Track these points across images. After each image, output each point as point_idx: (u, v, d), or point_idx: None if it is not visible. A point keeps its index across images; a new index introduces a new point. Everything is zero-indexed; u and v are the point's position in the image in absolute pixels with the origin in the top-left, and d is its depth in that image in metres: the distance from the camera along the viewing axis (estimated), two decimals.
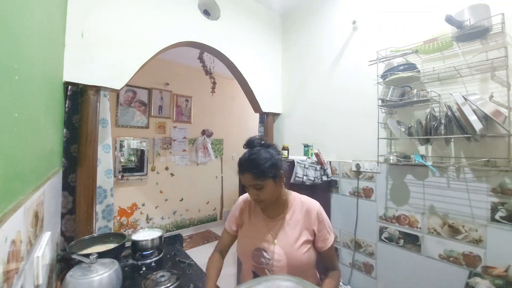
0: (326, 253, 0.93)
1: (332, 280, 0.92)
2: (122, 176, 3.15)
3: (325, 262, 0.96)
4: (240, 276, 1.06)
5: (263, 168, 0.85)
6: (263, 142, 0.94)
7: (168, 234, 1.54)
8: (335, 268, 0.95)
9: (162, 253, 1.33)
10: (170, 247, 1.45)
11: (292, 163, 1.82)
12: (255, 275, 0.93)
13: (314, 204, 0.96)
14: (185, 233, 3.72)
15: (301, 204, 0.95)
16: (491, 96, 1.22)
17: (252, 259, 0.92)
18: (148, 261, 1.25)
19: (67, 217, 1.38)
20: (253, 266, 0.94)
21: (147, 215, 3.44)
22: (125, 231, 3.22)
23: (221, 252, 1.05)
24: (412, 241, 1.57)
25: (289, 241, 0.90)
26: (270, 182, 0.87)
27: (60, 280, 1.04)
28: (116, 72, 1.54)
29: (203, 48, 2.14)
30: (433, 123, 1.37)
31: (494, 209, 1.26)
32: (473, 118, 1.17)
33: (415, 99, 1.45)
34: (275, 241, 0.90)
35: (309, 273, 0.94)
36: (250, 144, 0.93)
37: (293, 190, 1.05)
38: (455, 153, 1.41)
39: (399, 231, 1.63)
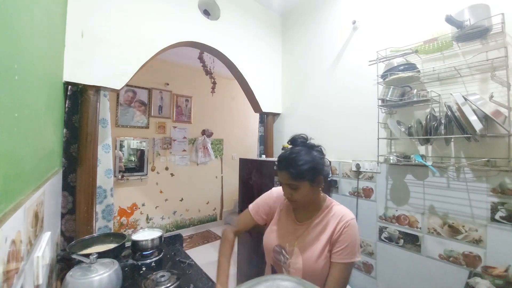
0: (331, 268, 0.84)
1: None
2: (122, 176, 3.15)
3: (327, 280, 0.84)
4: (265, 269, 1.05)
5: (301, 170, 0.82)
6: (307, 142, 0.91)
7: (168, 234, 1.54)
8: None
9: (162, 253, 1.33)
10: (170, 247, 1.45)
11: None
12: (273, 271, 0.95)
13: (347, 215, 0.88)
14: (185, 233, 3.72)
15: (333, 212, 0.90)
16: (491, 96, 1.22)
17: (273, 254, 0.93)
18: (148, 261, 1.25)
19: (67, 217, 1.38)
20: (272, 261, 0.94)
21: (147, 215, 3.44)
22: (125, 231, 3.22)
23: (238, 232, 1.04)
24: (412, 241, 1.57)
25: (309, 247, 0.87)
26: (307, 185, 0.84)
27: (60, 280, 1.04)
28: (116, 72, 1.54)
29: (203, 48, 2.14)
30: (433, 123, 1.37)
31: (494, 209, 1.26)
32: (473, 118, 1.16)
33: (415, 99, 1.45)
34: (296, 243, 0.89)
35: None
36: (293, 141, 0.91)
37: None
38: (455, 153, 1.41)
39: (399, 231, 1.63)
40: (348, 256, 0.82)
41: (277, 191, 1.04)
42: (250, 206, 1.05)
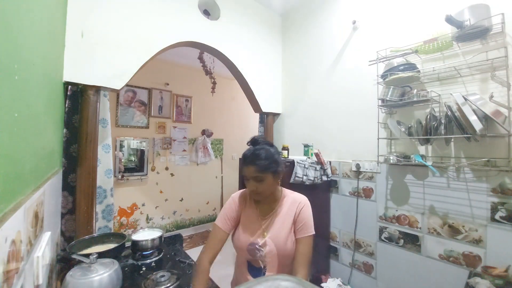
0: (297, 244, 0.97)
1: None
2: (122, 176, 3.15)
3: (295, 256, 0.96)
4: (235, 266, 1.09)
5: (266, 163, 0.94)
6: (266, 140, 1.04)
7: (168, 234, 1.54)
8: (300, 266, 0.92)
9: (162, 253, 1.33)
10: (170, 247, 1.45)
11: (292, 163, 1.82)
12: (249, 265, 1.01)
13: (301, 199, 1.03)
14: (185, 233, 3.72)
15: (291, 198, 1.04)
16: (491, 96, 1.22)
17: (248, 253, 0.99)
18: (148, 261, 1.25)
19: (67, 217, 1.38)
20: (248, 258, 1.01)
21: (147, 215, 3.44)
22: (125, 231, 3.22)
23: (213, 255, 0.98)
24: (412, 241, 1.57)
25: (277, 233, 0.98)
26: (270, 177, 0.95)
27: (60, 280, 1.04)
28: (116, 72, 1.54)
29: (203, 48, 2.14)
30: (433, 123, 1.37)
31: (494, 209, 1.26)
32: (473, 118, 1.16)
33: (415, 99, 1.45)
34: (266, 234, 0.99)
35: None
36: (254, 141, 1.02)
37: (293, 190, 1.10)
38: (455, 153, 1.41)
39: (399, 231, 1.63)
40: (308, 231, 0.98)
41: (237, 194, 1.11)
42: (216, 220, 1.05)
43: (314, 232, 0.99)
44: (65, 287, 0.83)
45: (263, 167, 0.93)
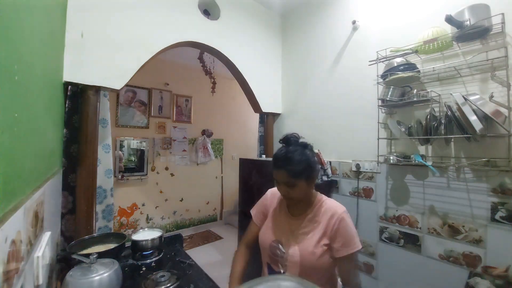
0: (339, 263, 0.89)
1: None
2: (122, 176, 3.15)
3: (339, 273, 0.92)
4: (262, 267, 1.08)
5: (300, 168, 0.86)
6: (301, 141, 0.95)
7: (168, 234, 1.54)
8: (348, 284, 0.88)
9: (162, 253, 1.33)
10: (170, 247, 1.45)
11: None
12: (269, 268, 0.96)
13: (338, 209, 0.92)
14: (185, 233, 3.72)
15: (325, 206, 0.94)
16: (491, 96, 1.22)
17: (269, 250, 0.94)
18: (148, 261, 1.25)
19: (67, 217, 1.38)
20: (268, 258, 0.96)
21: (147, 215, 3.44)
22: (125, 231, 3.22)
23: (247, 244, 1.07)
24: (412, 241, 1.57)
25: (305, 240, 0.90)
26: (303, 183, 0.88)
27: (60, 280, 1.04)
28: (116, 72, 1.54)
29: (203, 48, 2.14)
30: (433, 123, 1.37)
31: (494, 209, 1.26)
32: (473, 118, 1.17)
33: (415, 99, 1.45)
34: (291, 236, 0.92)
35: (325, 278, 0.91)
36: (287, 140, 0.94)
37: None
38: (455, 153, 1.41)
39: (399, 231, 1.63)
40: (350, 248, 0.86)
41: (271, 191, 1.09)
42: (253, 214, 1.10)
43: (359, 247, 0.87)
44: (65, 287, 0.83)
45: (296, 173, 0.86)
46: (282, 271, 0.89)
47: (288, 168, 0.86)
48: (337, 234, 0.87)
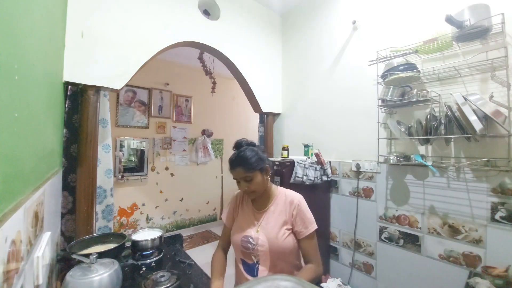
0: (302, 243, 1.00)
1: (303, 272, 0.96)
2: (122, 176, 3.15)
3: (302, 253, 1.02)
4: (235, 267, 1.11)
5: (251, 162, 0.98)
6: (249, 142, 1.09)
7: (168, 234, 1.54)
8: (312, 261, 0.98)
9: (162, 253, 1.33)
10: (170, 247, 1.45)
11: (292, 163, 1.82)
12: (243, 262, 1.03)
13: (296, 196, 1.05)
14: (185, 233, 3.71)
15: (285, 196, 1.06)
16: (491, 96, 1.22)
17: (241, 245, 1.02)
18: (148, 261, 1.25)
19: (67, 217, 1.38)
20: (241, 253, 1.03)
21: (147, 215, 3.44)
22: (125, 231, 3.22)
23: (224, 248, 1.13)
24: (412, 241, 1.57)
25: (270, 228, 1.00)
26: (258, 174, 0.99)
27: (60, 280, 1.04)
28: (116, 72, 1.54)
29: (203, 48, 2.14)
30: (433, 123, 1.37)
31: (494, 209, 1.26)
32: (473, 118, 1.16)
33: (415, 99, 1.45)
34: (259, 228, 1.02)
35: (291, 258, 1.01)
36: (238, 145, 1.08)
37: (293, 190, 1.12)
38: (455, 153, 1.41)
39: (399, 231, 1.63)
40: (309, 229, 0.99)
41: (235, 194, 1.17)
42: (222, 216, 1.17)
43: (315, 227, 1.00)
44: (65, 287, 0.83)
45: (250, 166, 0.97)
46: (255, 261, 0.99)
47: (242, 165, 0.98)
48: (297, 218, 1.00)
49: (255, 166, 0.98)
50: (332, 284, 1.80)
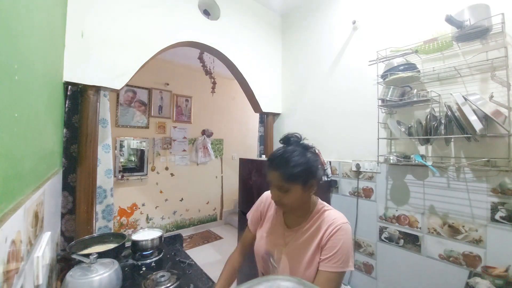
0: (318, 277, 0.76)
1: None
2: (122, 176, 3.15)
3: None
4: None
5: (294, 171, 0.76)
6: (301, 142, 0.85)
7: (168, 234, 1.54)
8: None
9: (162, 253, 1.33)
10: (170, 247, 1.45)
11: None
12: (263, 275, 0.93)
13: (337, 220, 0.81)
14: (185, 233, 3.72)
15: (324, 217, 0.83)
16: (491, 96, 1.22)
17: (262, 262, 0.90)
18: (148, 261, 1.25)
19: (67, 217, 1.38)
20: (262, 267, 0.92)
21: (147, 215, 3.44)
22: (125, 231, 3.22)
23: (242, 250, 1.02)
24: (412, 241, 1.57)
25: (297, 255, 0.81)
26: (298, 188, 0.78)
27: (60, 280, 1.04)
28: (116, 72, 1.54)
29: (203, 48, 2.14)
30: (433, 123, 1.37)
31: (494, 209, 1.26)
32: (473, 118, 1.16)
33: (415, 99, 1.45)
34: (284, 250, 0.84)
35: None
36: (286, 140, 0.85)
37: None
38: (455, 153, 1.41)
39: (399, 231, 1.63)
40: (337, 265, 0.74)
41: (266, 194, 1.00)
42: (248, 216, 1.03)
43: (345, 269, 0.75)
44: (65, 287, 0.83)
45: (291, 176, 0.76)
46: None
47: (282, 170, 0.77)
48: (328, 244, 0.77)
49: (298, 178, 0.76)
50: None
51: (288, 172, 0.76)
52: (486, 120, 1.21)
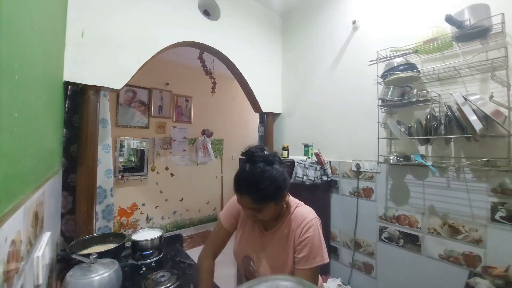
0: (296, 274, 0.78)
1: None
2: (122, 176, 3.15)
3: None
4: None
5: (266, 193, 0.74)
6: (266, 155, 0.80)
7: (168, 234, 1.54)
8: None
9: (162, 253, 1.33)
10: (170, 247, 1.45)
11: (292, 163, 1.82)
12: (246, 278, 0.93)
13: (306, 216, 0.83)
14: (185, 233, 3.71)
15: (295, 216, 0.85)
16: (491, 96, 1.22)
17: (243, 266, 0.91)
18: (148, 261, 1.25)
19: (67, 217, 1.38)
20: (243, 270, 0.93)
21: (147, 215, 3.44)
22: (125, 231, 3.22)
23: (214, 254, 0.96)
24: (412, 241, 1.57)
25: (275, 256, 0.83)
26: (272, 205, 0.78)
27: (60, 280, 1.04)
28: (116, 72, 1.54)
29: (203, 48, 2.14)
30: (433, 123, 1.37)
31: (494, 209, 1.26)
32: (473, 118, 1.16)
33: (415, 99, 1.45)
34: (262, 252, 0.86)
35: None
36: (250, 157, 0.80)
37: (293, 190, 0.96)
38: (455, 153, 1.41)
39: (399, 231, 1.63)
40: (311, 261, 0.77)
41: None
42: (220, 213, 0.98)
43: (320, 262, 0.77)
44: (65, 287, 0.83)
45: (263, 198, 0.75)
46: None
47: (252, 195, 0.75)
48: (301, 243, 0.78)
49: (269, 198, 0.75)
50: (332, 284, 1.80)
51: (259, 196, 0.75)
52: (486, 120, 1.21)
